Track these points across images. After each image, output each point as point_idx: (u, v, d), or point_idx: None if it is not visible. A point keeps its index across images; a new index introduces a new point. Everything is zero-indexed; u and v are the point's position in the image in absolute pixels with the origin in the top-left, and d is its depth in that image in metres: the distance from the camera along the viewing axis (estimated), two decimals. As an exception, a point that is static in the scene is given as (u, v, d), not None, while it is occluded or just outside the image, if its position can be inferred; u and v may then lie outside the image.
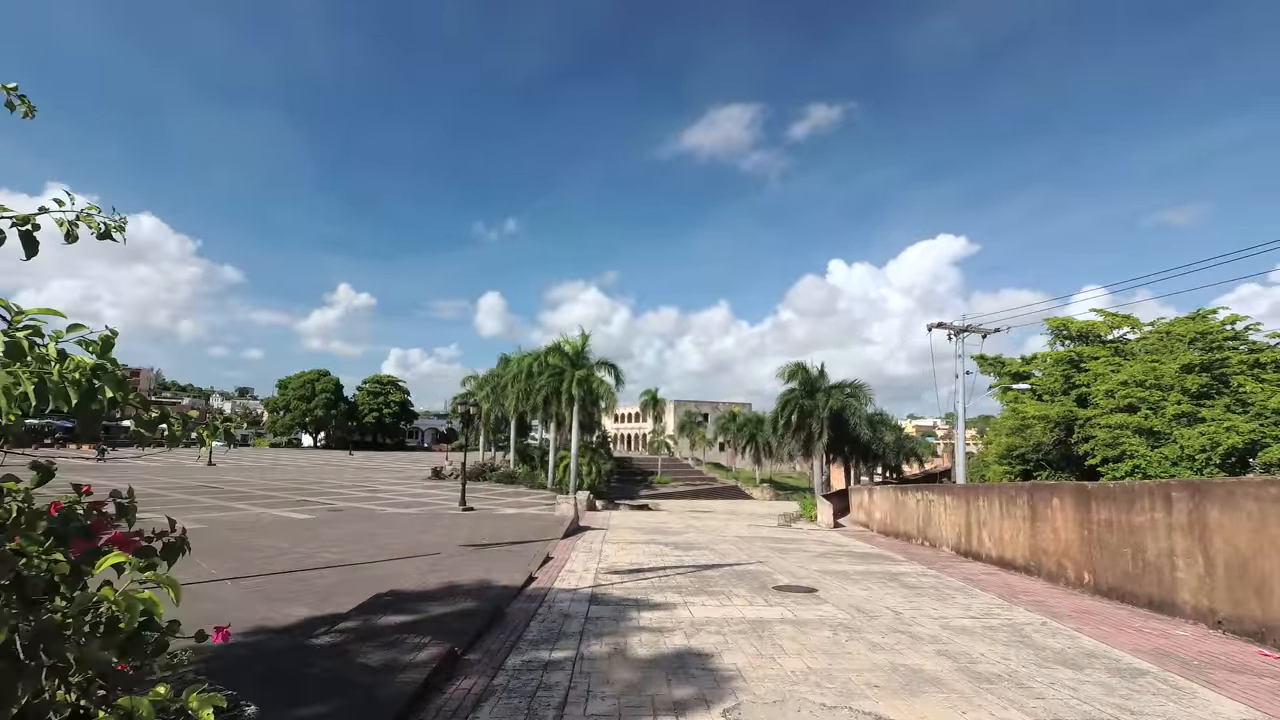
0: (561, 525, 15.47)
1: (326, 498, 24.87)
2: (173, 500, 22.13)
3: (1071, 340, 26.90)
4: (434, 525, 15.93)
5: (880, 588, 8.80)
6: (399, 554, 11.23)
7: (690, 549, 12.92)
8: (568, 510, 17.83)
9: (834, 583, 9.10)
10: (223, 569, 9.71)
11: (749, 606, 7.22)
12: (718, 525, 22.63)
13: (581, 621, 6.38)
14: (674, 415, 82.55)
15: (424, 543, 12.65)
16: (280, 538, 13.07)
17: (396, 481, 36.08)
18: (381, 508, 21.46)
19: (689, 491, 54.64)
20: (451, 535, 13.97)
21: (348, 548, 11.87)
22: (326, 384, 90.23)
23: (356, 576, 9.15)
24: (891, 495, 19.42)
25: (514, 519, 17.78)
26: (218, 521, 16.75)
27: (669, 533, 16.87)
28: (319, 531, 14.21)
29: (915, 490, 17.06)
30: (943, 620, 6.80)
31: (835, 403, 30.37)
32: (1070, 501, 8.91)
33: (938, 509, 14.82)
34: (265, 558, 10.67)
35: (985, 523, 11.99)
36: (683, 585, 8.58)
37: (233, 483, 30.81)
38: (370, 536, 13.54)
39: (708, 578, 9.23)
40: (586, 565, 10.32)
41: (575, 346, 34.91)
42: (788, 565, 10.93)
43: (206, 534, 13.67)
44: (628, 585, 8.52)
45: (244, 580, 8.93)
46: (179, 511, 19.50)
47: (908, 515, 17.25)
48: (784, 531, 19.71)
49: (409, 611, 6.21)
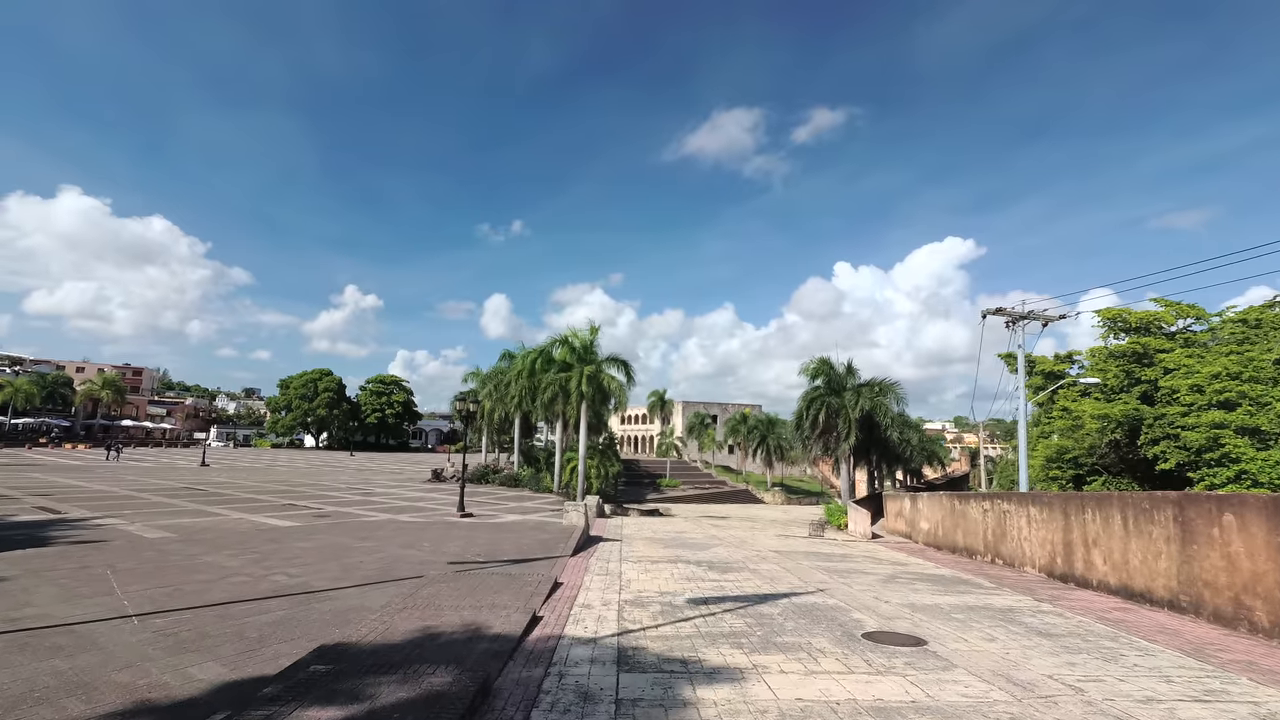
0: (570, 537, 13.26)
1: (316, 501, 22.79)
2: (147, 504, 20.11)
3: (1129, 333, 24.45)
4: (423, 536, 13.75)
5: (1006, 635, 6.52)
6: (370, 577, 9.04)
7: (727, 570, 10.66)
8: (577, 519, 15.60)
9: (939, 626, 6.82)
10: (143, 597, 7.57)
11: (848, 675, 4.96)
12: (743, 535, 20.33)
13: (611, 708, 4.16)
14: (682, 417, 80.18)
15: (405, 560, 10.45)
16: (238, 552, 10.92)
17: (394, 484, 33.98)
18: (371, 513, 19.33)
19: (698, 495, 52.30)
20: (440, 549, 11.78)
21: (312, 568, 9.70)
22: (329, 383, 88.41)
23: (305, 614, 6.97)
24: (943, 503, 17.07)
25: (516, 528, 15.60)
26: (184, 529, 14.67)
27: (693, 545, 14.62)
28: (287, 545, 12.06)
29: (979, 498, 14.72)
30: (1156, 702, 4.53)
31: (866, 402, 28.01)
32: (1263, 519, 6.62)
33: (1016, 521, 12.49)
34: (204, 581, 8.52)
35: (1096, 541, 9.67)
36: (740, 632, 6.33)
37: (220, 485, 28.82)
38: (345, 551, 11.37)
39: (768, 618, 6.98)
40: (605, 596, 8.09)
41: (584, 341, 32.70)
42: (858, 595, 8.66)
43: (155, 546, 11.54)
44: (665, 632, 6.29)
45: (160, 616, 6.76)
46: (149, 516, 17.43)
47: (969, 527, 14.91)
48: (821, 544, 17.40)
49: (345, 698, 4.00)
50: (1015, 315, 17.97)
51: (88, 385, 76.26)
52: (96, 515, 17.41)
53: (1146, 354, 22.08)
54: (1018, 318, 18.02)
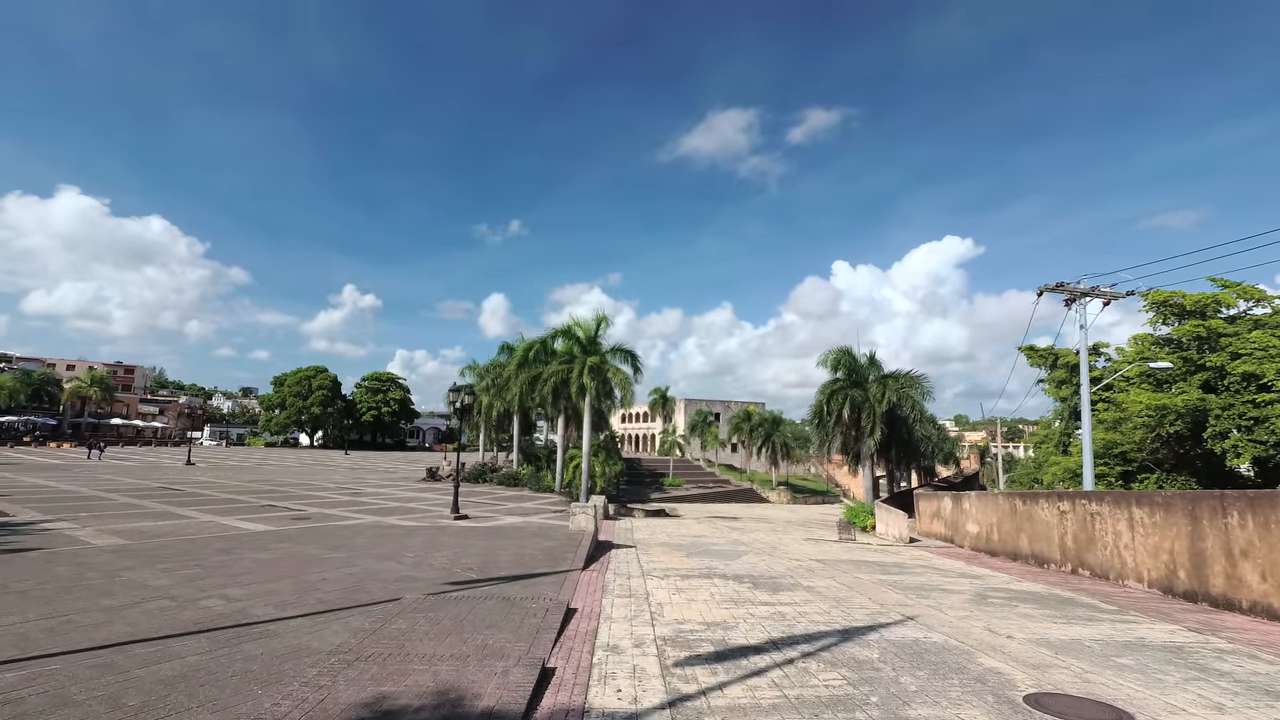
0: (579, 546, 11.26)
1: (301, 502, 20.77)
2: (111, 505, 18.06)
3: (1181, 317, 22.47)
4: (407, 544, 11.74)
5: (1229, 699, 4.53)
6: (329, 601, 7.03)
7: (777, 588, 8.65)
8: (585, 523, 13.59)
9: (1120, 683, 4.83)
10: (13, 635, 5.57)
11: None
12: (766, 539, 18.34)
13: None
14: (684, 415, 78.20)
15: (379, 577, 8.44)
16: (176, 566, 8.92)
17: (386, 484, 31.97)
18: (355, 516, 17.33)
19: (702, 495, 50.31)
20: (425, 561, 9.77)
21: (258, 588, 7.70)
22: (323, 380, 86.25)
23: (224, 662, 4.97)
24: (999, 503, 15.09)
25: (515, 533, 13.62)
26: (140, 534, 12.68)
27: (719, 553, 12.63)
28: (240, 556, 10.05)
29: (1052, 498, 12.72)
30: None
31: (892, 394, 26.01)
32: None
33: (1110, 525, 10.49)
34: (110, 610, 6.51)
35: (1248, 551, 7.68)
36: (845, 698, 4.33)
37: (200, 484, 26.78)
38: (308, 565, 9.36)
39: (871, 669, 4.98)
40: (635, 630, 6.10)
41: (588, 331, 30.60)
42: (961, 624, 6.68)
43: (80, 559, 9.51)
44: (737, 699, 4.28)
45: (14, 668, 4.76)
46: (108, 520, 15.40)
47: (1038, 531, 12.93)
48: (861, 550, 15.42)
49: None
50: (1076, 292, 15.97)
51: (75, 383, 74.06)
52: (48, 518, 15.38)
53: (1210, 338, 20.09)
54: (1078, 295, 16.02)
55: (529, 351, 32.18)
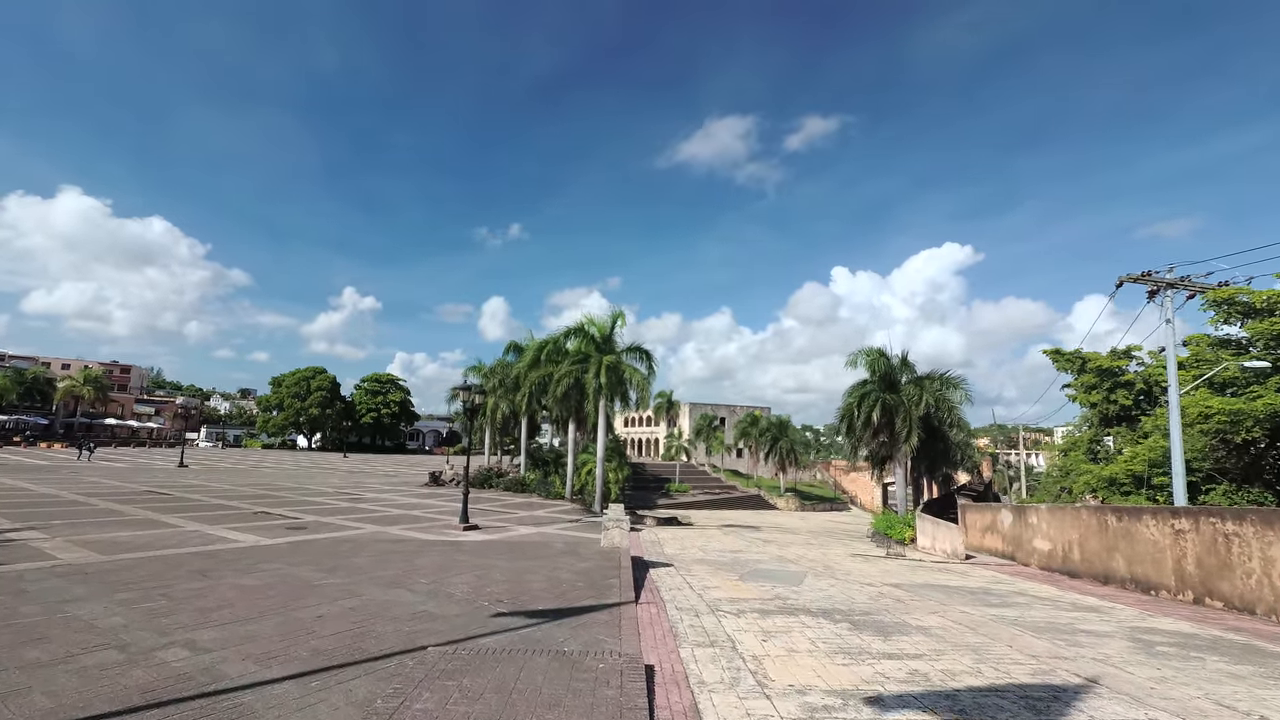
0: (619, 568, 9.58)
1: (297, 509, 19.04)
2: (91, 511, 16.32)
3: (1248, 316, 20.86)
4: (416, 564, 10.05)
5: None
6: (326, 653, 5.34)
7: (883, 629, 6.97)
8: (620, 539, 11.88)
9: None
10: None
11: None
12: (811, 554, 16.67)
13: None
14: (689, 419, 76.46)
15: (389, 614, 6.75)
16: (142, 595, 7.23)
17: (388, 488, 30.24)
18: (356, 525, 15.63)
19: (710, 501, 48.53)
20: (441, 590, 8.08)
21: (236, 629, 6.02)
22: (322, 381, 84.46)
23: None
24: (1082, 517, 13.41)
25: (539, 550, 11.94)
26: (114, 547, 10.96)
27: (774, 576, 10.95)
28: (220, 581, 8.35)
29: (1161, 514, 11.04)
30: None
31: (930, 397, 24.35)
32: None
33: (1252, 548, 8.83)
34: (37, 667, 4.80)
35: None
36: None
37: (191, 488, 25.01)
38: (301, 593, 7.67)
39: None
40: (748, 706, 4.40)
41: (603, 329, 28.96)
42: (1175, 695, 5.02)
43: (23, 583, 7.72)
44: None
45: None
46: (83, 528, 13.63)
47: (1140, 552, 11.25)
48: (928, 571, 13.73)
49: None
50: (1161, 283, 14.35)
51: (68, 382, 72.28)
52: (15, 527, 13.65)
53: (1291, 336, 18.48)
54: (1163, 285, 14.40)
55: (541, 351, 30.50)
